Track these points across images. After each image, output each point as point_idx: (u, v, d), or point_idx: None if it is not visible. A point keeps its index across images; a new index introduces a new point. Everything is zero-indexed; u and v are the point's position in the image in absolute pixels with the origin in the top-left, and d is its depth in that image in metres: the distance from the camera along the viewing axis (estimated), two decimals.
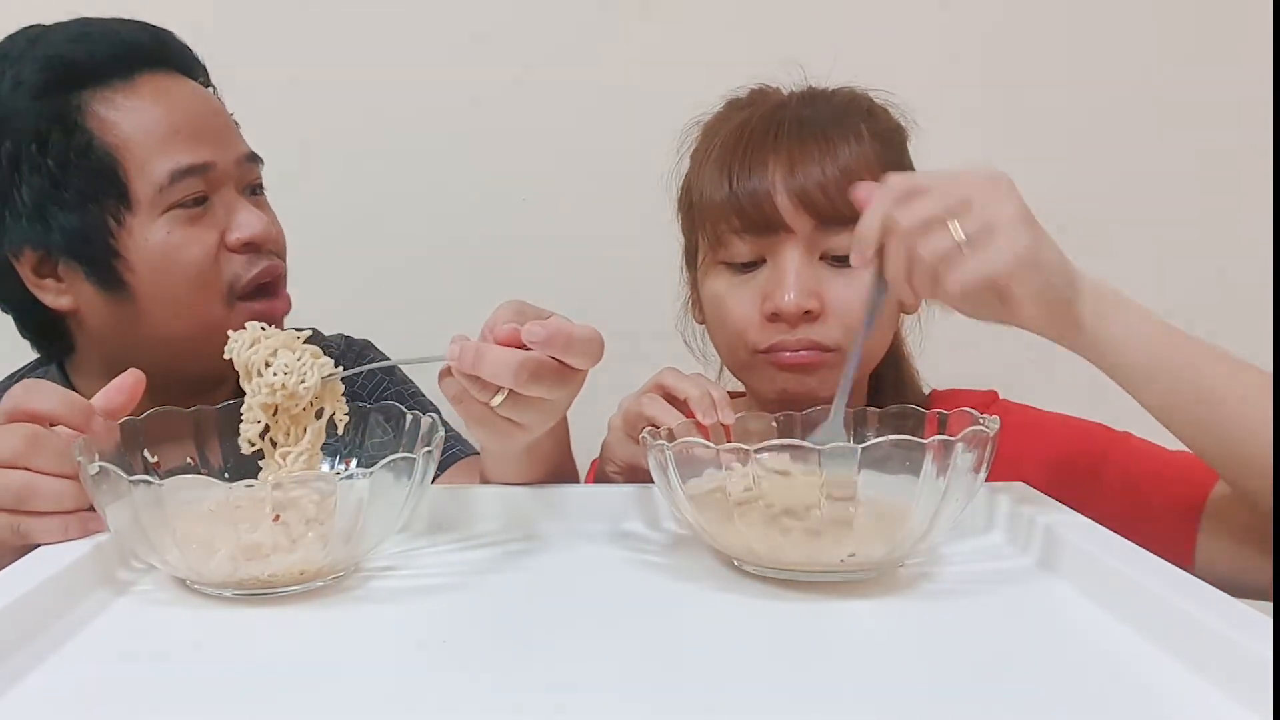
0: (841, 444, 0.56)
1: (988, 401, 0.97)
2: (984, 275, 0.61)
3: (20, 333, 0.93)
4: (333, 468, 0.70)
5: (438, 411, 0.70)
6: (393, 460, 0.58)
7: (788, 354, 0.81)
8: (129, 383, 0.68)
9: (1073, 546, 0.61)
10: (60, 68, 0.83)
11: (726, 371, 0.95)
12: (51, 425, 0.64)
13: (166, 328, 0.87)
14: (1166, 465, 0.80)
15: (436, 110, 1.30)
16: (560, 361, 0.62)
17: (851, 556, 0.58)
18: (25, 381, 0.65)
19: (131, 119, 0.84)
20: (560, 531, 0.71)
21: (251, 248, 0.88)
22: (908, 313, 0.93)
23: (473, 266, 1.29)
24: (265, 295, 0.89)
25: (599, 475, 0.83)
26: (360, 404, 0.71)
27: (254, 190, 0.92)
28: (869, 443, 0.56)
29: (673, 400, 0.74)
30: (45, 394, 0.64)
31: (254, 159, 0.92)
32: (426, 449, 0.61)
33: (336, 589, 0.60)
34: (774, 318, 0.81)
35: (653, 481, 0.64)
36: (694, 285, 0.95)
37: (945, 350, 0.95)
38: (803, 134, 0.84)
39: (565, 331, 0.61)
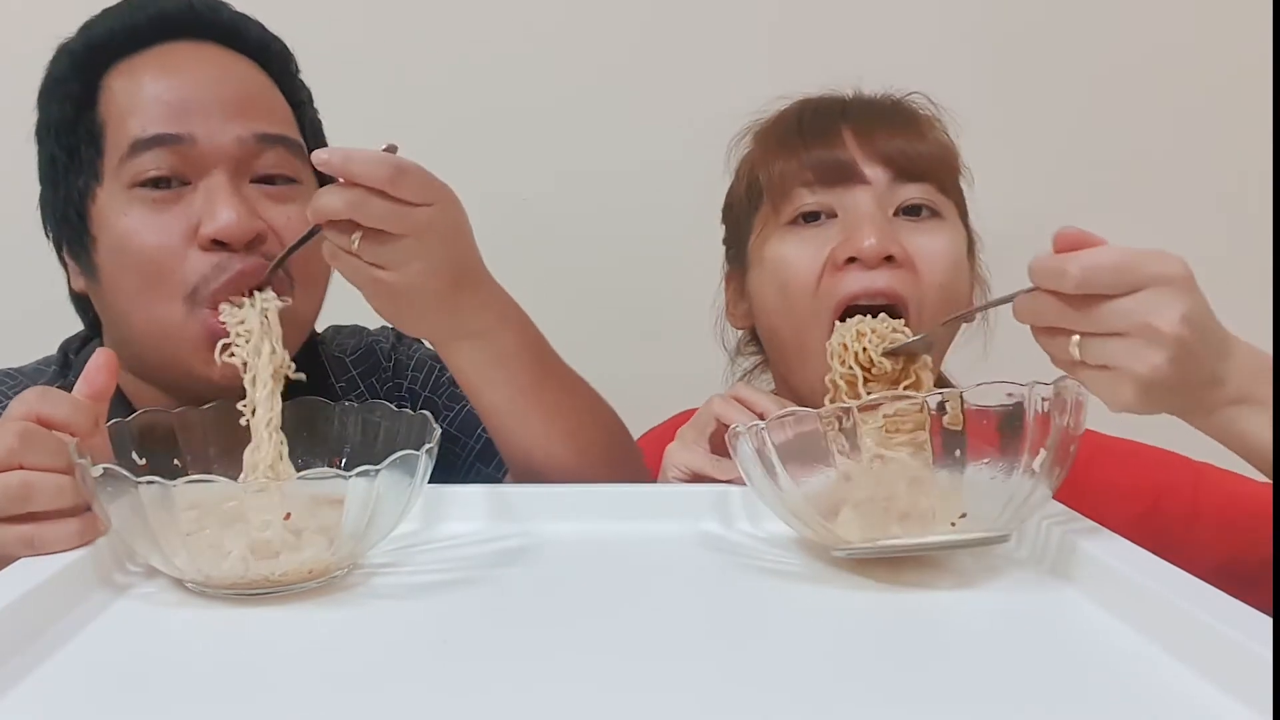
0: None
1: None
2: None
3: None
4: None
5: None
6: (398, 457, 0.58)
7: (863, 301, 0.78)
8: (101, 360, 0.65)
9: (1076, 548, 0.61)
10: (84, 46, 0.80)
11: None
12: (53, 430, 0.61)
13: (125, 323, 0.80)
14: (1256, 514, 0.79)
15: (443, 115, 1.30)
16: (385, 194, 0.65)
17: (963, 518, 0.58)
18: (39, 388, 0.63)
19: (130, 86, 0.78)
20: (562, 530, 0.71)
21: (223, 246, 0.75)
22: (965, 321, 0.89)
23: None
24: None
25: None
26: (348, 403, 0.72)
27: (270, 180, 0.80)
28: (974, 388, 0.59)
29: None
30: (56, 401, 0.62)
31: (274, 140, 0.79)
32: (428, 446, 0.61)
33: (337, 587, 0.60)
34: (849, 263, 0.78)
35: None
36: (736, 291, 0.93)
37: (967, 358, 0.92)
38: (870, 107, 0.85)
39: (344, 149, 0.65)
